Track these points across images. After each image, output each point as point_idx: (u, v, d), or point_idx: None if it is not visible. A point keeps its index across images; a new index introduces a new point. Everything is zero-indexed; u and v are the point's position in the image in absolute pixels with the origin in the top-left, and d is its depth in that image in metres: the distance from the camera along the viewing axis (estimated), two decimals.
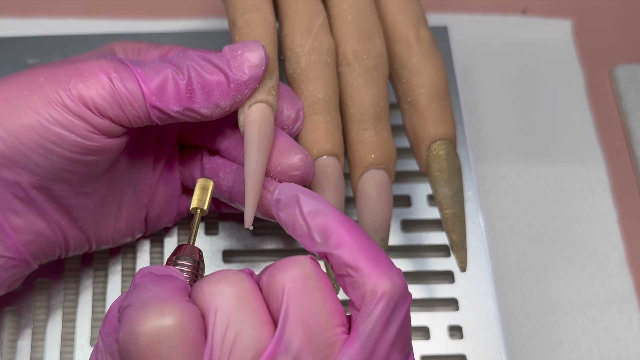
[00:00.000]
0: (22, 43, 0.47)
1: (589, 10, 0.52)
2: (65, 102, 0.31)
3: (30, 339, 0.39)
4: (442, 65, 0.38)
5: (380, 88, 0.37)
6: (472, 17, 0.52)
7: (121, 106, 0.32)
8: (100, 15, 0.50)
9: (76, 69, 0.32)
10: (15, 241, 0.33)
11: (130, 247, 0.41)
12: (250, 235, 0.42)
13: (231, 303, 0.27)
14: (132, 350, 0.26)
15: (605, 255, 0.44)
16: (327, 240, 0.28)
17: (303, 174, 0.34)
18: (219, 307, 0.27)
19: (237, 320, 0.27)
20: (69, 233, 0.35)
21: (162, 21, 0.50)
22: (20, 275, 0.35)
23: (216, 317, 0.27)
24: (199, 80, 0.33)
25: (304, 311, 0.27)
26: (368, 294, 0.27)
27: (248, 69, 0.33)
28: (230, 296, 0.27)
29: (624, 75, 0.49)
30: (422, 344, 0.39)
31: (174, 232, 0.42)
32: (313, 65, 0.36)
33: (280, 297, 0.27)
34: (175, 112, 0.33)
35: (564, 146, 0.48)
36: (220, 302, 0.27)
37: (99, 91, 0.32)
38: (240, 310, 0.27)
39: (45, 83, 0.32)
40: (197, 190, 0.35)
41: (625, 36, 0.52)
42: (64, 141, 0.32)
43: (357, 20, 0.37)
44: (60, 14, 0.50)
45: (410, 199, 0.43)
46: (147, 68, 0.33)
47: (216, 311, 0.27)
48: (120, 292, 0.40)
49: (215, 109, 0.33)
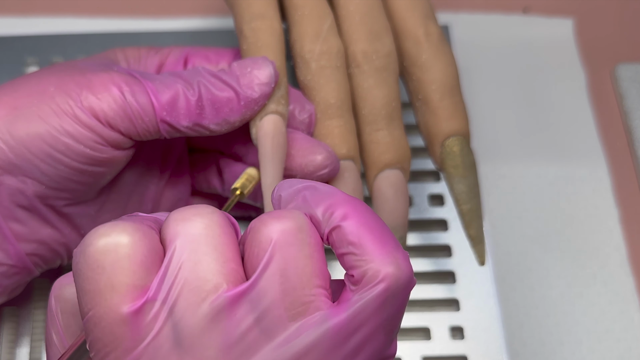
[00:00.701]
0: (21, 42, 0.47)
1: (590, 9, 0.52)
2: (76, 113, 0.32)
3: (29, 339, 0.38)
4: (452, 60, 0.38)
5: (392, 88, 0.37)
6: (474, 16, 0.52)
7: (132, 119, 0.32)
8: (100, 14, 0.50)
9: (87, 80, 0.32)
10: (18, 248, 0.33)
11: None
12: None
13: (195, 232, 0.25)
14: (79, 261, 0.25)
15: (606, 255, 0.44)
16: (330, 217, 0.26)
17: (330, 171, 0.35)
18: (181, 234, 0.25)
19: (198, 250, 0.25)
20: (71, 241, 0.35)
21: (162, 20, 0.50)
22: (21, 282, 0.35)
23: (176, 242, 0.25)
24: (209, 97, 0.33)
25: (286, 263, 0.25)
26: (370, 274, 0.25)
27: (258, 87, 0.33)
28: (197, 225, 0.25)
29: (625, 75, 0.49)
30: (423, 345, 0.39)
31: None
32: (323, 70, 0.36)
33: (266, 245, 0.25)
34: (185, 127, 0.33)
35: (565, 146, 0.48)
36: (183, 229, 0.25)
37: (110, 104, 0.32)
38: (204, 241, 0.25)
39: (56, 93, 0.32)
40: (245, 175, 0.35)
41: (627, 35, 0.52)
42: (72, 151, 0.32)
43: (365, 21, 0.37)
44: (60, 12, 0.50)
45: (411, 199, 0.43)
46: (158, 82, 0.33)
47: (177, 236, 0.25)
48: None
49: (225, 124, 0.33)
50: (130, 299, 0.24)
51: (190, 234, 0.25)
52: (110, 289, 0.24)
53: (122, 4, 0.51)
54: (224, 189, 0.38)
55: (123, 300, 0.24)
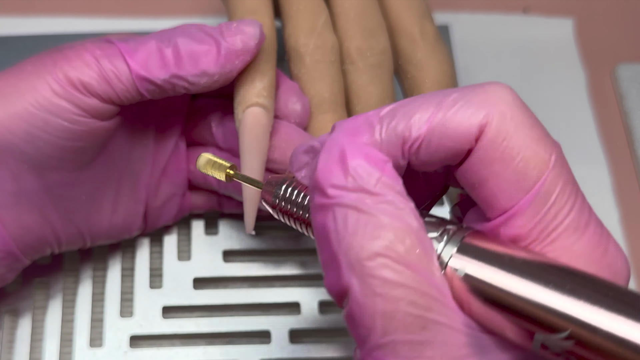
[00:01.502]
0: (22, 42, 0.47)
1: (590, 10, 0.52)
2: (52, 86, 0.31)
3: (29, 339, 0.38)
4: (448, 59, 0.38)
5: (386, 85, 0.37)
6: (474, 16, 0.52)
7: (108, 82, 0.32)
8: (100, 14, 0.50)
9: (62, 54, 0.32)
10: (3, 234, 0.33)
11: (130, 247, 0.41)
12: (250, 235, 0.42)
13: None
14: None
15: None
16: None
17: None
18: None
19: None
20: (60, 227, 0.35)
21: (161, 20, 0.50)
22: (9, 268, 0.35)
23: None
24: (186, 48, 0.32)
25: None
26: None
27: (241, 40, 0.33)
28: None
29: (625, 75, 0.49)
30: None
31: (174, 232, 0.42)
32: (318, 64, 0.36)
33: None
34: (162, 81, 0.32)
35: (565, 146, 0.47)
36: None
37: (84, 70, 0.31)
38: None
39: (32, 70, 0.32)
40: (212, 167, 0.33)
41: (627, 35, 0.52)
42: (51, 127, 0.31)
43: (360, 18, 0.37)
44: (60, 13, 0.50)
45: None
46: (132, 42, 0.33)
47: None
48: (119, 292, 0.40)
49: (203, 77, 0.33)
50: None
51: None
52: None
53: (122, 3, 0.51)
54: (219, 185, 0.38)
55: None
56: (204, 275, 0.40)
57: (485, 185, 0.23)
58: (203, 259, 0.41)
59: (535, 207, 0.23)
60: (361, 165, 0.23)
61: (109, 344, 0.38)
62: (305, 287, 0.41)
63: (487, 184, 0.23)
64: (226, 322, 0.39)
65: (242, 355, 0.39)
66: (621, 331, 0.19)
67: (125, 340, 0.39)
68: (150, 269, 0.41)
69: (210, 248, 0.41)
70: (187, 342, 0.39)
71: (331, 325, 0.40)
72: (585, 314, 0.20)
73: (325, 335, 0.40)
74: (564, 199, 0.23)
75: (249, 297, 0.40)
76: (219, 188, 0.38)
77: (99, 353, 0.38)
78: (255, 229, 0.42)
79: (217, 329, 0.39)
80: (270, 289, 0.40)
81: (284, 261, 0.41)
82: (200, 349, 0.39)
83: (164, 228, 0.42)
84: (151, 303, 0.40)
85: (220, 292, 0.40)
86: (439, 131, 0.23)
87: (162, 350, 0.38)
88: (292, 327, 0.39)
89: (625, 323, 0.19)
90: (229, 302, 0.40)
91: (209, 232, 0.42)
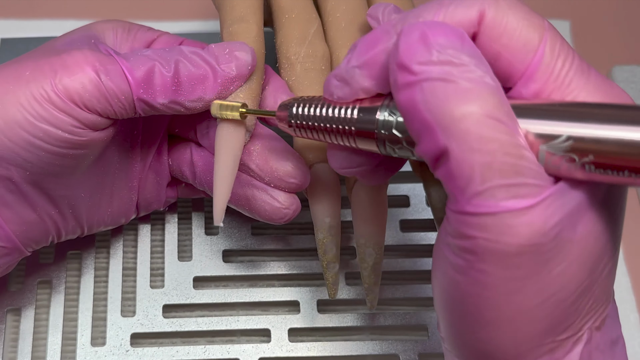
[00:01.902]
0: (25, 44, 0.47)
1: (586, 12, 0.53)
2: (51, 98, 0.31)
3: (31, 338, 0.39)
4: None
5: None
6: None
7: (107, 99, 0.32)
8: (102, 17, 0.50)
9: (61, 61, 0.32)
10: (7, 232, 0.34)
11: (132, 247, 0.42)
12: (250, 235, 0.42)
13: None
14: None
15: None
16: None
17: (299, 182, 0.35)
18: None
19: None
20: (60, 221, 0.36)
21: (162, 22, 0.50)
22: (12, 262, 0.36)
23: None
24: (185, 73, 0.33)
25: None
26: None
27: (236, 67, 0.33)
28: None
29: (621, 76, 0.49)
30: (423, 342, 0.39)
31: (175, 232, 0.42)
32: (308, 72, 0.36)
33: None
34: (161, 105, 0.33)
35: None
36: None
37: (85, 85, 0.31)
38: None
39: (31, 78, 0.31)
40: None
41: (623, 37, 0.52)
42: (50, 137, 0.31)
43: (350, 28, 0.37)
44: (62, 16, 0.51)
45: (409, 199, 0.44)
46: (133, 60, 0.33)
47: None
48: (120, 292, 0.40)
49: (199, 102, 0.33)
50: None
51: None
52: None
53: (123, 7, 0.51)
54: (195, 180, 0.38)
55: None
56: (204, 274, 0.41)
57: (499, 58, 0.26)
58: (203, 258, 0.41)
59: (545, 61, 0.26)
60: (443, 41, 0.25)
61: (110, 342, 0.39)
62: (304, 286, 0.41)
63: (500, 56, 0.26)
64: (226, 321, 0.40)
65: (242, 354, 0.39)
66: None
67: (126, 338, 0.39)
68: (151, 268, 0.41)
69: (211, 248, 0.42)
70: (188, 341, 0.40)
71: (330, 323, 0.40)
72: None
73: (324, 333, 0.40)
74: (565, 50, 0.26)
75: (249, 296, 0.40)
76: (194, 183, 0.39)
77: (100, 351, 0.39)
78: (255, 229, 0.42)
79: (217, 327, 0.39)
80: (270, 288, 0.41)
81: (284, 261, 0.42)
82: (201, 348, 0.39)
83: (164, 228, 0.42)
84: (152, 302, 0.40)
85: (221, 291, 0.40)
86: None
87: (163, 348, 0.39)
88: (291, 325, 0.40)
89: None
90: (229, 301, 0.40)
91: (209, 232, 0.42)
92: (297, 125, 0.30)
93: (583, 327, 0.27)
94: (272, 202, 0.35)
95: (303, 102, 0.30)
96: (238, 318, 0.40)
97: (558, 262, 0.24)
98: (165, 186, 0.40)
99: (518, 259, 0.24)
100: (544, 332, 0.26)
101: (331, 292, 0.37)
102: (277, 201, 0.35)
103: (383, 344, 0.40)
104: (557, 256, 0.24)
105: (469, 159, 0.23)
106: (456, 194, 0.24)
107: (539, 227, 0.24)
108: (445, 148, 0.24)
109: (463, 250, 0.25)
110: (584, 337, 0.27)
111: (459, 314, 0.26)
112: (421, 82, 0.24)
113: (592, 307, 0.27)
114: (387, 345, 0.39)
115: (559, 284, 0.25)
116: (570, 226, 0.24)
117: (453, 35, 0.25)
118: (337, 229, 0.36)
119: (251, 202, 0.36)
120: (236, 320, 0.40)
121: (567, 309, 0.25)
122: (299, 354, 0.39)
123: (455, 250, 0.25)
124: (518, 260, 0.24)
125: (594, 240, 0.25)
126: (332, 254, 0.36)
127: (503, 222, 0.23)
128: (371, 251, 0.35)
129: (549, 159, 0.24)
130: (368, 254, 0.35)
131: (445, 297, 0.26)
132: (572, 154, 0.24)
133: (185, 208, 0.43)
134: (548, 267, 0.24)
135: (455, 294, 0.26)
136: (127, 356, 0.38)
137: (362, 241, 0.35)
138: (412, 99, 0.24)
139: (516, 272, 0.24)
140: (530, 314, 0.25)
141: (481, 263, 0.24)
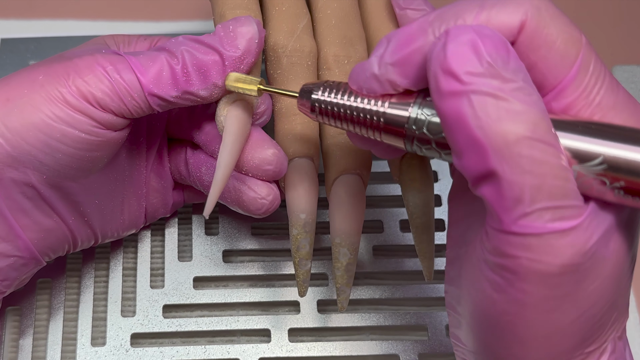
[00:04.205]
0: (24, 44, 0.47)
1: (586, 11, 0.53)
2: (67, 99, 0.32)
3: (32, 338, 0.39)
4: None
5: None
6: None
7: (121, 98, 0.32)
8: (101, 17, 0.50)
9: (73, 65, 0.32)
10: (26, 241, 0.34)
11: (132, 247, 0.42)
12: (250, 235, 0.42)
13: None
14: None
15: None
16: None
17: (276, 169, 0.34)
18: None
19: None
20: (77, 229, 0.36)
21: (162, 23, 0.50)
22: (30, 273, 0.36)
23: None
24: (193, 62, 0.33)
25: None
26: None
27: (241, 44, 0.33)
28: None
29: (621, 76, 0.49)
30: (423, 342, 0.40)
31: (175, 232, 0.42)
32: (294, 66, 0.36)
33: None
34: (174, 97, 0.33)
35: None
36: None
37: (97, 85, 0.32)
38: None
39: (45, 81, 0.32)
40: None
41: (623, 37, 0.52)
42: (68, 138, 0.32)
43: (340, 26, 0.37)
44: (62, 16, 0.51)
45: None
46: (142, 57, 0.33)
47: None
48: (120, 292, 0.40)
49: (214, 89, 0.33)
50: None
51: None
52: None
53: (123, 7, 0.51)
54: (190, 178, 0.38)
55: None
56: (204, 274, 0.41)
57: (534, 68, 0.26)
58: (203, 258, 0.41)
59: (579, 77, 0.26)
60: (491, 50, 0.24)
61: (110, 342, 0.39)
62: None
63: (535, 67, 0.26)
64: (226, 321, 0.40)
65: (242, 354, 0.39)
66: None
67: (126, 338, 0.39)
68: (151, 269, 0.41)
69: (210, 248, 0.42)
70: (188, 341, 0.40)
71: (330, 324, 0.40)
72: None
73: (324, 333, 0.40)
74: (598, 67, 0.26)
75: (249, 296, 0.40)
76: (190, 182, 0.39)
77: (100, 351, 0.39)
78: (255, 228, 0.42)
79: (217, 327, 0.40)
80: (270, 288, 0.41)
81: (284, 261, 0.42)
82: (201, 348, 0.39)
83: (164, 229, 0.42)
84: (152, 302, 0.40)
85: (221, 292, 0.40)
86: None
87: (163, 348, 0.39)
88: (291, 325, 0.40)
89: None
90: (229, 301, 0.40)
91: (209, 232, 0.42)
92: (320, 110, 0.29)
93: (608, 338, 0.27)
94: (249, 192, 0.35)
95: (329, 88, 0.29)
96: (238, 318, 0.40)
97: (593, 279, 0.25)
98: (170, 190, 0.40)
99: (559, 279, 0.24)
100: (575, 347, 0.26)
101: (301, 289, 0.36)
102: (253, 191, 0.35)
103: (383, 344, 0.40)
104: (592, 274, 0.25)
105: (519, 181, 0.23)
106: (500, 213, 0.24)
107: (581, 247, 0.24)
108: (494, 169, 0.24)
109: (502, 268, 0.25)
110: (609, 347, 0.27)
111: (493, 330, 0.26)
112: (469, 94, 0.24)
113: (616, 319, 0.27)
114: (387, 345, 0.40)
115: (592, 301, 0.25)
116: (604, 245, 0.25)
117: (501, 45, 0.25)
118: (312, 225, 0.35)
119: (232, 194, 0.35)
120: (236, 320, 0.40)
121: (596, 323, 0.26)
122: (299, 354, 0.39)
123: (494, 267, 0.25)
124: (559, 280, 0.24)
125: (623, 256, 0.25)
126: (305, 251, 0.35)
127: (547, 243, 0.24)
128: (345, 251, 0.35)
129: (580, 179, 0.24)
130: (342, 253, 0.35)
131: (478, 312, 0.26)
132: (604, 178, 0.24)
133: (186, 208, 0.43)
134: (584, 284, 0.25)
135: (491, 310, 0.26)
136: (127, 356, 0.38)
137: (337, 240, 0.35)
138: (458, 110, 0.24)
139: (556, 291, 0.24)
140: (565, 331, 0.25)
141: (522, 282, 0.24)
